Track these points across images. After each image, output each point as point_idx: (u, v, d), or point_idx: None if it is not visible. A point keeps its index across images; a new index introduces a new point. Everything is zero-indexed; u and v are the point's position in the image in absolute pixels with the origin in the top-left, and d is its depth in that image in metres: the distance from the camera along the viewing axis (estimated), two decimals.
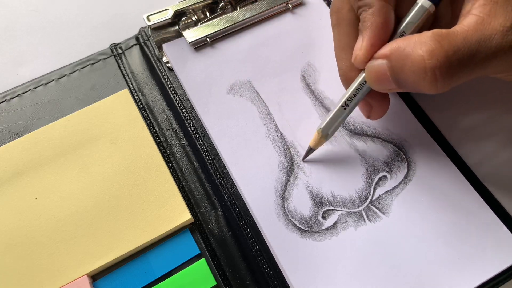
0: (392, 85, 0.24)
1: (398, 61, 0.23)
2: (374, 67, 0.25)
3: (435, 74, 0.22)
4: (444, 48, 0.22)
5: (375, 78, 0.25)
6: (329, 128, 0.28)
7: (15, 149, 0.31)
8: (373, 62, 0.25)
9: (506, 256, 0.26)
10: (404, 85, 0.24)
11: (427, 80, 0.22)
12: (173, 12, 0.35)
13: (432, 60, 0.22)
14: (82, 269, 0.27)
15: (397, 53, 0.23)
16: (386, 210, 0.28)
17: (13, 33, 0.40)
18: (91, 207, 0.29)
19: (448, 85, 0.22)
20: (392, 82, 0.24)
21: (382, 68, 0.24)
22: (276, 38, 0.35)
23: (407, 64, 0.23)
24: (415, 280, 0.26)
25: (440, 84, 0.22)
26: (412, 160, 0.30)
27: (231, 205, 0.29)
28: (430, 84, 0.22)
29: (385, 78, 0.24)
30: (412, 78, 0.23)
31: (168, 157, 0.32)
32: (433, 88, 0.23)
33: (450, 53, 0.22)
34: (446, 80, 0.22)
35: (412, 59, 0.22)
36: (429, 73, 0.22)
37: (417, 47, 0.22)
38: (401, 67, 0.23)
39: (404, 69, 0.23)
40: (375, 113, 0.28)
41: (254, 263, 0.28)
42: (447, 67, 0.22)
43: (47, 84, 0.35)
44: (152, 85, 0.35)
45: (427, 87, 0.23)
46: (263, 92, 0.33)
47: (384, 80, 0.25)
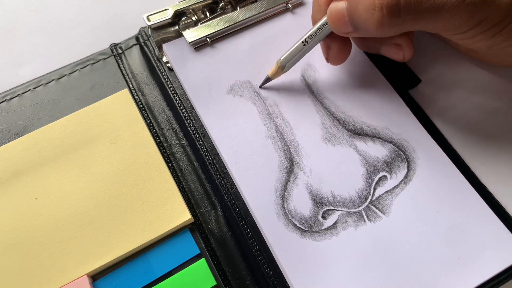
0: (349, 27, 0.26)
1: (354, 1, 0.25)
2: (335, 8, 0.27)
3: (382, 11, 0.24)
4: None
5: (335, 19, 0.27)
6: (287, 61, 0.31)
7: (15, 149, 0.31)
8: (335, 3, 0.27)
9: (506, 256, 0.26)
10: (358, 26, 0.26)
11: (375, 18, 0.24)
12: (173, 12, 0.35)
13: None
14: (82, 269, 0.27)
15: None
16: (386, 210, 0.28)
17: (13, 33, 0.40)
18: (91, 207, 0.29)
19: (394, 25, 0.24)
20: (349, 24, 0.26)
21: (341, 9, 0.26)
22: (276, 38, 0.35)
23: (360, 3, 0.25)
24: (415, 280, 0.26)
25: (386, 21, 0.24)
26: (412, 160, 0.30)
27: (231, 205, 0.29)
28: (377, 22, 0.24)
29: (343, 19, 0.26)
30: (363, 16, 0.25)
31: (168, 157, 0.32)
32: (379, 25, 0.24)
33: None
34: (392, 19, 0.24)
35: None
36: (377, 9, 0.24)
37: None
38: (355, 7, 0.25)
39: (357, 9, 0.25)
40: (333, 56, 0.30)
41: (254, 263, 0.28)
42: (394, 6, 0.24)
43: (47, 84, 0.35)
44: (152, 85, 0.35)
45: (374, 24, 0.25)
46: (263, 92, 0.33)
47: (341, 22, 0.27)
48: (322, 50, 0.31)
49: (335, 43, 0.30)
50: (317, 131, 0.31)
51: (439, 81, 0.33)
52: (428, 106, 0.32)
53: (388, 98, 0.32)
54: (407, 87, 0.33)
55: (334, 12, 0.27)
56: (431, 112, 0.32)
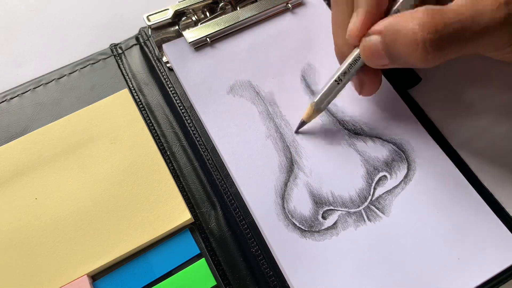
0: (385, 60, 0.25)
1: (391, 36, 0.24)
2: (368, 43, 0.26)
3: (426, 46, 0.23)
4: (436, 21, 0.22)
5: (369, 53, 0.26)
6: (321, 103, 0.29)
7: (15, 149, 0.31)
8: (367, 38, 0.26)
9: (506, 256, 0.26)
10: (397, 60, 0.25)
11: (418, 53, 0.23)
12: (173, 12, 0.35)
13: (423, 33, 0.22)
14: (82, 269, 0.27)
15: (390, 28, 0.24)
16: (386, 210, 0.28)
17: (13, 33, 0.40)
18: (91, 207, 0.29)
19: (438, 58, 0.23)
20: (385, 57, 0.25)
21: (376, 43, 0.25)
22: (276, 38, 0.35)
23: (399, 38, 0.24)
24: (415, 280, 0.26)
25: (431, 56, 0.23)
26: (412, 160, 0.30)
27: (231, 205, 0.29)
28: (421, 56, 0.23)
29: (379, 53, 0.25)
30: (404, 51, 0.24)
31: (168, 157, 0.32)
32: (423, 60, 0.23)
33: (441, 26, 0.22)
34: (437, 53, 0.23)
35: (404, 32, 0.23)
36: (420, 45, 0.23)
37: (409, 21, 0.23)
38: (393, 42, 0.24)
39: (396, 43, 0.24)
40: (366, 89, 0.29)
41: (254, 263, 0.28)
42: (438, 40, 0.23)
43: (47, 84, 0.35)
44: (152, 85, 0.35)
45: (418, 59, 0.24)
46: (263, 92, 0.33)
47: (377, 56, 0.26)
48: (355, 85, 0.30)
49: (367, 76, 0.29)
50: (317, 131, 0.31)
51: (439, 81, 0.33)
52: (428, 106, 0.32)
53: (388, 98, 0.32)
54: (408, 86, 0.33)
55: (369, 47, 0.26)
56: (431, 112, 0.32)
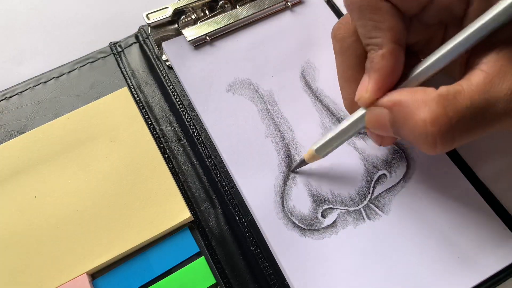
0: (390, 133, 0.24)
1: (400, 117, 0.23)
2: (375, 114, 0.24)
3: (436, 140, 0.21)
4: (449, 116, 0.21)
5: (375, 123, 0.24)
6: (324, 150, 0.27)
7: (15, 148, 0.31)
8: (375, 108, 0.24)
9: (505, 255, 0.26)
10: (403, 138, 0.24)
11: (427, 144, 0.22)
12: (173, 10, 0.35)
13: (435, 128, 0.21)
14: (82, 267, 0.27)
15: (400, 108, 0.22)
16: (386, 208, 0.28)
17: (13, 31, 0.40)
18: (90, 205, 0.29)
19: (447, 149, 0.22)
20: (391, 132, 0.24)
21: (383, 117, 0.24)
22: (276, 36, 0.35)
23: (408, 124, 0.22)
24: (414, 278, 0.26)
25: (439, 148, 0.22)
26: (411, 159, 0.30)
27: (230, 203, 0.29)
28: (429, 147, 0.22)
29: (385, 126, 0.24)
30: (411, 137, 0.22)
31: (168, 155, 0.32)
32: (431, 151, 0.22)
33: (453, 121, 0.21)
34: (446, 145, 0.22)
35: (414, 120, 0.22)
36: (430, 139, 0.21)
37: (421, 109, 0.21)
38: (402, 123, 0.22)
39: (404, 127, 0.22)
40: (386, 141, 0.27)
41: (253, 261, 0.28)
42: (448, 134, 0.21)
43: (47, 83, 0.35)
44: (151, 84, 0.35)
45: (425, 149, 0.22)
46: (262, 90, 0.33)
47: (383, 128, 0.24)
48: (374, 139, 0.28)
49: None
50: (317, 129, 0.31)
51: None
52: None
53: None
54: None
55: (375, 118, 0.24)
56: None
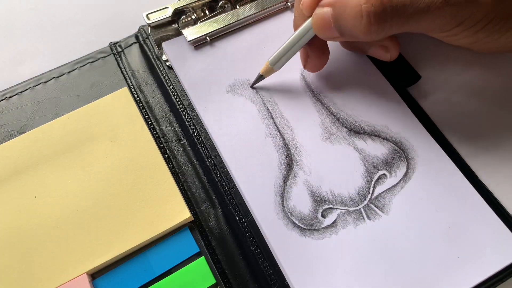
0: (335, 32, 0.26)
1: (340, 8, 0.25)
2: (320, 14, 0.27)
3: (370, 18, 0.24)
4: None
5: (320, 24, 0.27)
6: (276, 61, 0.31)
7: (15, 148, 0.31)
8: (319, 9, 0.27)
9: (505, 255, 0.26)
10: (344, 32, 0.26)
11: (362, 24, 0.24)
12: (173, 10, 0.35)
13: (368, 5, 0.24)
14: (82, 267, 0.27)
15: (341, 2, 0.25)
16: (386, 208, 0.28)
17: (13, 31, 0.40)
18: (90, 205, 0.29)
19: (381, 31, 0.25)
20: (335, 29, 0.26)
21: (327, 15, 0.26)
22: (276, 36, 0.35)
23: (346, 10, 0.25)
24: (414, 278, 0.26)
25: (373, 28, 0.24)
26: (411, 159, 0.30)
27: (230, 203, 0.29)
28: (365, 28, 0.24)
29: (329, 25, 0.26)
30: (350, 23, 0.25)
31: (168, 155, 0.32)
32: (367, 32, 0.25)
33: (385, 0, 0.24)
34: (380, 25, 0.24)
35: (351, 5, 0.25)
36: (365, 16, 0.24)
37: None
38: (341, 13, 0.25)
39: (343, 15, 0.25)
40: (311, 64, 0.31)
41: (253, 261, 0.28)
42: (381, 13, 0.24)
43: (47, 83, 0.35)
44: (151, 84, 0.35)
45: (362, 31, 0.25)
46: (262, 90, 0.33)
47: (328, 28, 0.27)
48: (301, 57, 0.31)
49: (314, 51, 0.30)
50: (317, 129, 0.31)
51: (438, 79, 0.33)
52: (428, 105, 0.32)
53: (387, 97, 0.32)
54: (408, 84, 0.32)
55: (320, 18, 0.27)
56: (430, 110, 0.32)
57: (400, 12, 0.24)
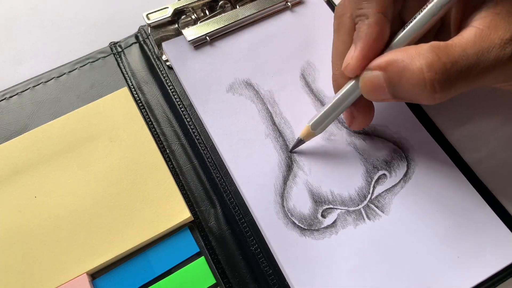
0: (387, 95, 0.25)
1: (396, 73, 0.23)
2: (370, 78, 0.25)
3: (434, 86, 0.22)
4: (442, 61, 0.22)
5: (370, 88, 0.25)
6: (318, 126, 0.28)
7: (15, 148, 0.31)
8: (368, 73, 0.25)
9: (505, 255, 0.26)
10: (401, 96, 0.24)
11: (426, 92, 0.23)
12: (173, 10, 0.35)
13: (431, 73, 0.22)
14: (82, 267, 0.27)
15: (395, 65, 0.23)
16: (386, 208, 0.28)
17: (13, 31, 0.40)
18: (90, 205, 0.29)
19: (446, 96, 0.23)
20: (388, 93, 0.24)
21: (378, 79, 0.24)
22: (276, 36, 0.35)
23: (405, 77, 0.23)
24: (414, 279, 0.26)
25: (438, 95, 0.23)
26: (411, 159, 0.30)
27: (230, 203, 0.29)
28: (429, 96, 0.23)
29: (381, 89, 0.24)
30: (410, 90, 0.23)
31: (168, 155, 0.32)
32: (431, 99, 0.23)
33: (448, 65, 0.22)
34: (445, 92, 0.23)
35: (411, 71, 0.22)
36: (428, 85, 0.22)
37: (415, 59, 0.22)
38: (398, 79, 0.23)
39: (401, 81, 0.23)
40: (357, 123, 0.29)
41: (253, 261, 0.28)
42: (445, 80, 0.22)
43: (47, 83, 0.35)
44: (151, 84, 0.35)
45: (425, 98, 0.23)
46: (262, 90, 0.33)
47: (379, 91, 0.25)
48: (346, 118, 0.29)
49: (360, 111, 0.28)
50: None
51: None
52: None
53: None
54: None
55: (370, 82, 0.25)
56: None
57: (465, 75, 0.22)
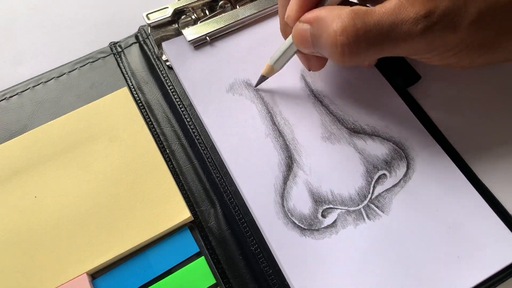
0: (313, 49, 0.26)
1: (318, 30, 0.25)
2: (299, 30, 0.26)
3: (344, 49, 0.24)
4: (356, 27, 0.23)
5: (299, 39, 0.27)
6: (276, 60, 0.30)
7: (15, 148, 0.31)
8: (299, 25, 0.26)
9: (505, 255, 0.26)
10: (321, 53, 0.26)
11: (336, 54, 0.24)
12: (173, 10, 0.35)
13: (343, 37, 0.24)
14: (82, 267, 0.27)
15: (319, 21, 0.25)
16: (386, 208, 0.28)
17: (13, 31, 0.40)
18: (90, 205, 0.29)
19: (354, 61, 0.25)
20: (313, 46, 0.26)
21: (305, 32, 0.26)
22: (276, 36, 0.35)
23: (323, 35, 0.25)
24: (414, 279, 0.26)
25: (346, 58, 0.24)
26: (411, 159, 0.30)
27: (230, 203, 0.29)
28: (339, 58, 0.25)
29: (307, 41, 0.26)
30: (326, 49, 0.25)
31: (168, 155, 0.32)
32: (341, 61, 0.25)
33: (361, 32, 0.23)
34: (353, 57, 0.24)
35: (327, 32, 0.24)
36: (339, 48, 0.24)
37: (334, 21, 0.24)
38: (319, 36, 0.25)
39: (321, 39, 0.25)
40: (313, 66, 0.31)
41: (253, 261, 0.28)
42: (355, 45, 0.24)
43: (47, 83, 0.35)
44: (151, 84, 0.35)
45: (336, 59, 0.25)
46: (262, 90, 0.33)
47: (306, 43, 0.26)
48: (304, 64, 0.31)
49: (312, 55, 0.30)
50: (317, 129, 0.31)
51: (438, 79, 0.33)
52: (427, 105, 0.32)
53: (387, 97, 0.32)
54: (407, 85, 0.33)
55: (299, 34, 0.26)
56: (430, 111, 0.32)
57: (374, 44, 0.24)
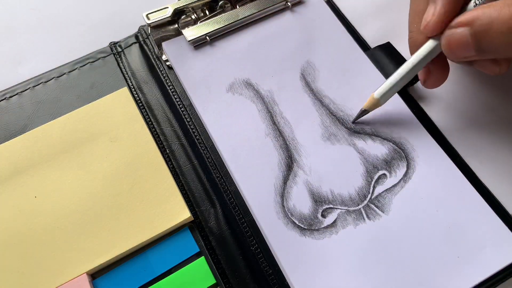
0: (472, 52, 0.25)
1: (483, 26, 0.23)
2: (454, 35, 0.25)
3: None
4: None
5: (456, 45, 0.25)
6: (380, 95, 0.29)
7: (15, 148, 0.31)
8: (452, 30, 0.25)
9: (505, 255, 0.26)
10: (487, 50, 0.24)
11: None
12: (173, 10, 0.35)
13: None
14: (82, 267, 0.27)
15: (482, 17, 0.23)
16: (386, 208, 0.28)
17: (13, 31, 0.40)
18: (90, 205, 0.29)
19: None
20: (473, 49, 0.24)
21: (463, 35, 0.24)
22: (276, 36, 0.35)
23: (493, 28, 0.23)
24: (414, 278, 0.26)
25: None
26: (411, 159, 0.30)
27: (230, 203, 0.29)
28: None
29: (466, 45, 0.24)
30: (500, 40, 0.23)
31: (168, 155, 0.32)
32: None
33: None
34: None
35: (501, 21, 0.22)
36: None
37: (504, 9, 0.22)
38: (486, 31, 0.23)
39: (490, 33, 0.23)
40: (433, 81, 0.29)
41: (253, 261, 0.28)
42: None
43: (47, 83, 0.35)
44: (151, 84, 0.35)
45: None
46: (262, 90, 0.33)
47: (464, 48, 0.25)
48: (421, 75, 0.29)
49: (436, 67, 0.28)
50: (317, 129, 0.31)
51: None
52: (428, 105, 0.32)
53: None
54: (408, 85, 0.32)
55: (455, 39, 0.25)
56: (431, 111, 0.32)
57: None
